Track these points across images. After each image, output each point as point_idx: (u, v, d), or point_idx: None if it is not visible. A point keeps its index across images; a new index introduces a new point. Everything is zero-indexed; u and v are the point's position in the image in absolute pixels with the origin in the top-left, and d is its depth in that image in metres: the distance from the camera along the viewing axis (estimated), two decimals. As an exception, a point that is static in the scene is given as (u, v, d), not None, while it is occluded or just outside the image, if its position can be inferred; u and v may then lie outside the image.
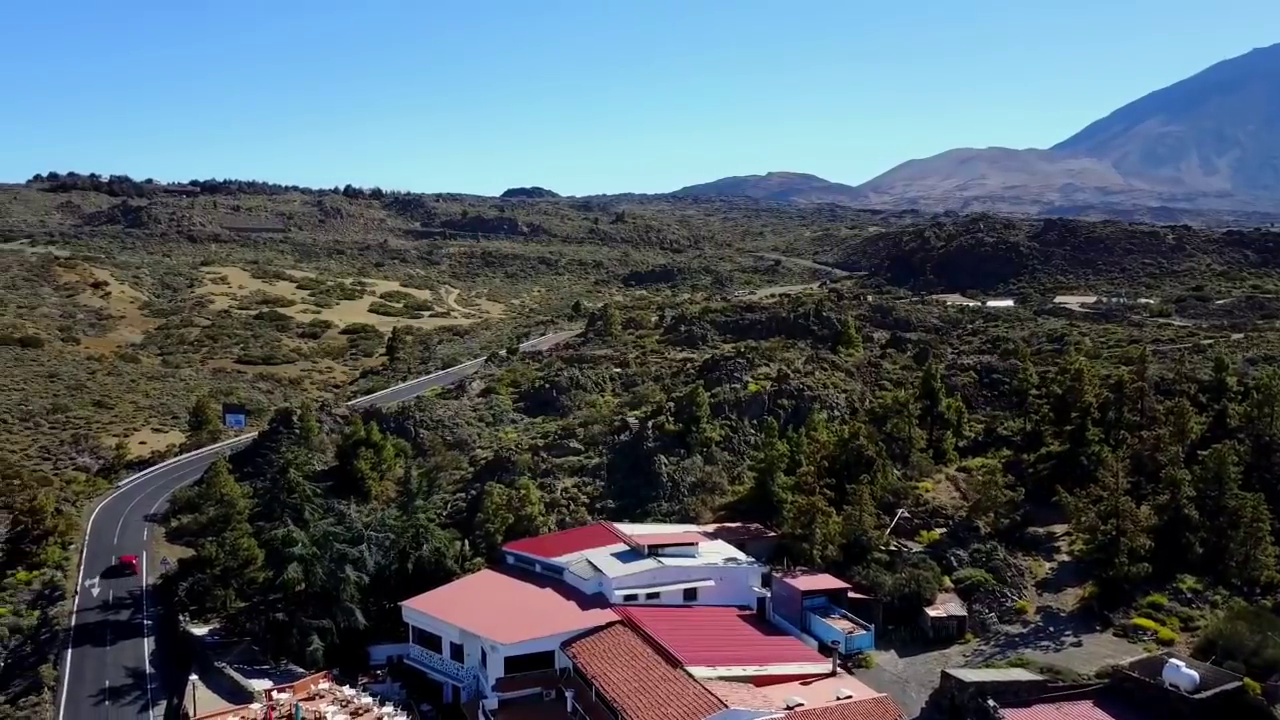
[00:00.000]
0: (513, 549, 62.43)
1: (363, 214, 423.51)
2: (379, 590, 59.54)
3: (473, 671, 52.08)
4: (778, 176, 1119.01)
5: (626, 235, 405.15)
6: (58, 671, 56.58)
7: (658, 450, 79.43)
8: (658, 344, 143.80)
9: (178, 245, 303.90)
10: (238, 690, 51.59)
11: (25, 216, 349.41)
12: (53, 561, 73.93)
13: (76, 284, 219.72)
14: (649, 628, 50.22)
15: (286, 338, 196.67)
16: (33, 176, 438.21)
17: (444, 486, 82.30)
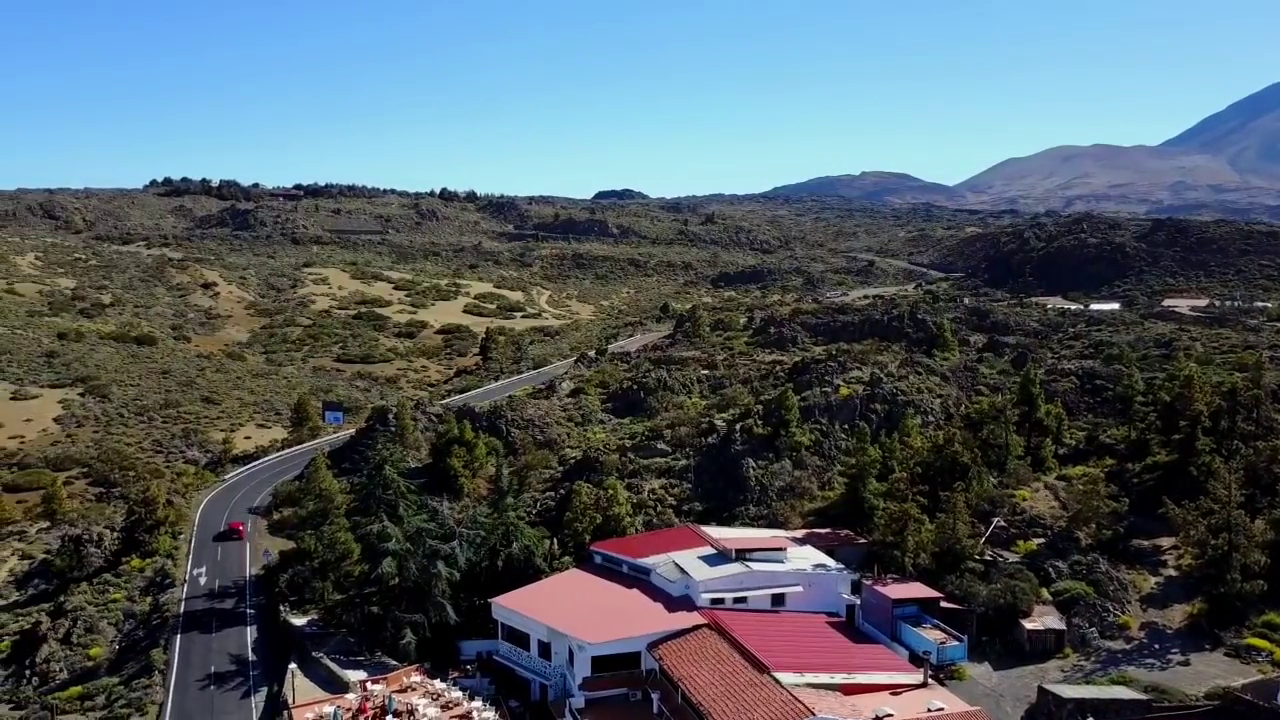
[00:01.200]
0: (600, 549, 62.76)
1: (458, 216, 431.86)
2: (470, 586, 60.48)
3: (560, 670, 52.50)
4: (872, 176, 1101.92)
5: (716, 236, 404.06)
6: (167, 656, 58.96)
7: (746, 453, 78.92)
8: (746, 346, 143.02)
9: (282, 247, 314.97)
10: (334, 680, 53.06)
11: (142, 220, 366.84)
12: (164, 550, 77.15)
13: (188, 284, 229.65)
14: (736, 632, 49.90)
15: (384, 337, 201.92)
16: (149, 182, 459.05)
17: (534, 485, 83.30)
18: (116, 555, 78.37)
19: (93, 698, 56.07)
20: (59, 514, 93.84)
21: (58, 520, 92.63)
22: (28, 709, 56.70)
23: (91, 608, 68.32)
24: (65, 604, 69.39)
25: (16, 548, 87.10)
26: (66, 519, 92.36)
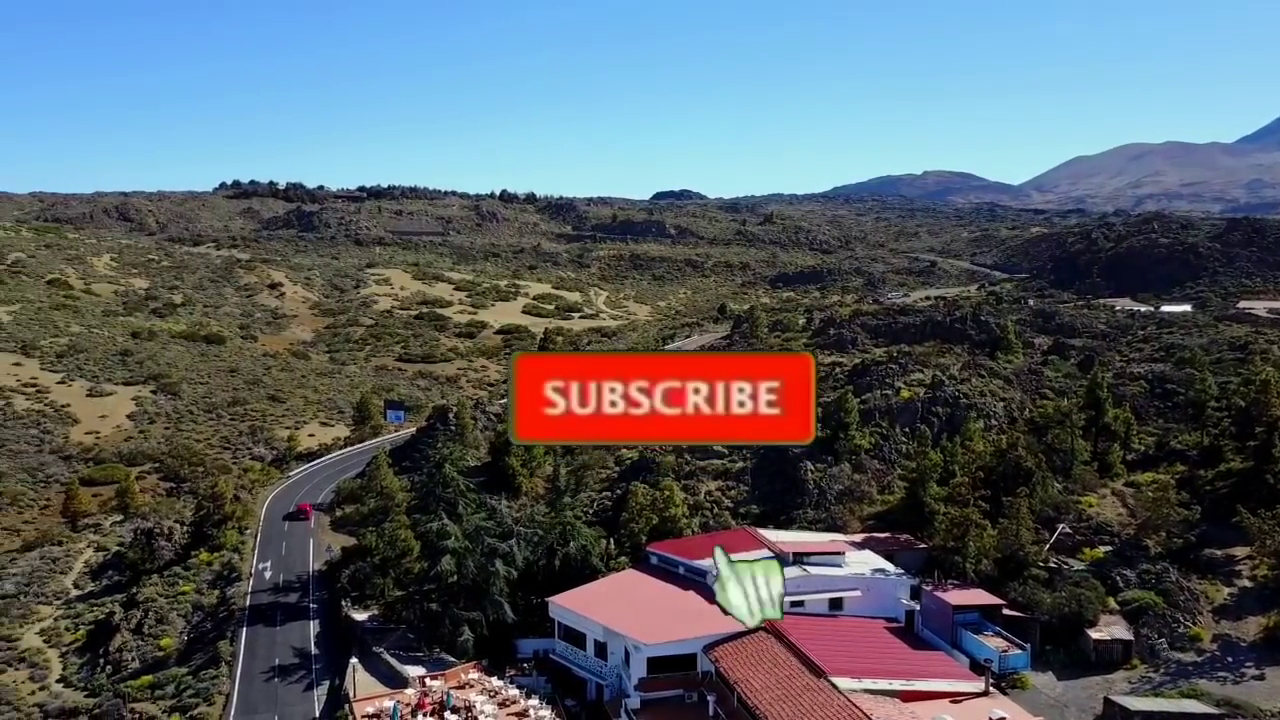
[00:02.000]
0: (656, 549, 62.77)
1: (517, 218, 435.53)
2: (527, 585, 60.95)
3: (616, 670, 52.62)
4: (934, 175, 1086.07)
5: (774, 236, 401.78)
6: (234, 648, 60.41)
7: (804, 456, 78.31)
8: (805, 347, 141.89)
9: (345, 248, 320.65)
10: (394, 675, 53.88)
11: (212, 222, 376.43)
12: (230, 545, 79.03)
13: (255, 285, 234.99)
14: (793, 635, 49.52)
15: (444, 337, 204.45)
16: (219, 184, 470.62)
17: (591, 485, 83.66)
18: (186, 549, 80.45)
19: (163, 687, 57.67)
20: (132, 508, 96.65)
21: (131, 514, 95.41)
22: (101, 696, 58.56)
23: (162, 599, 70.28)
24: (137, 595, 71.46)
25: (92, 540, 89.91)
26: (139, 513, 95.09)
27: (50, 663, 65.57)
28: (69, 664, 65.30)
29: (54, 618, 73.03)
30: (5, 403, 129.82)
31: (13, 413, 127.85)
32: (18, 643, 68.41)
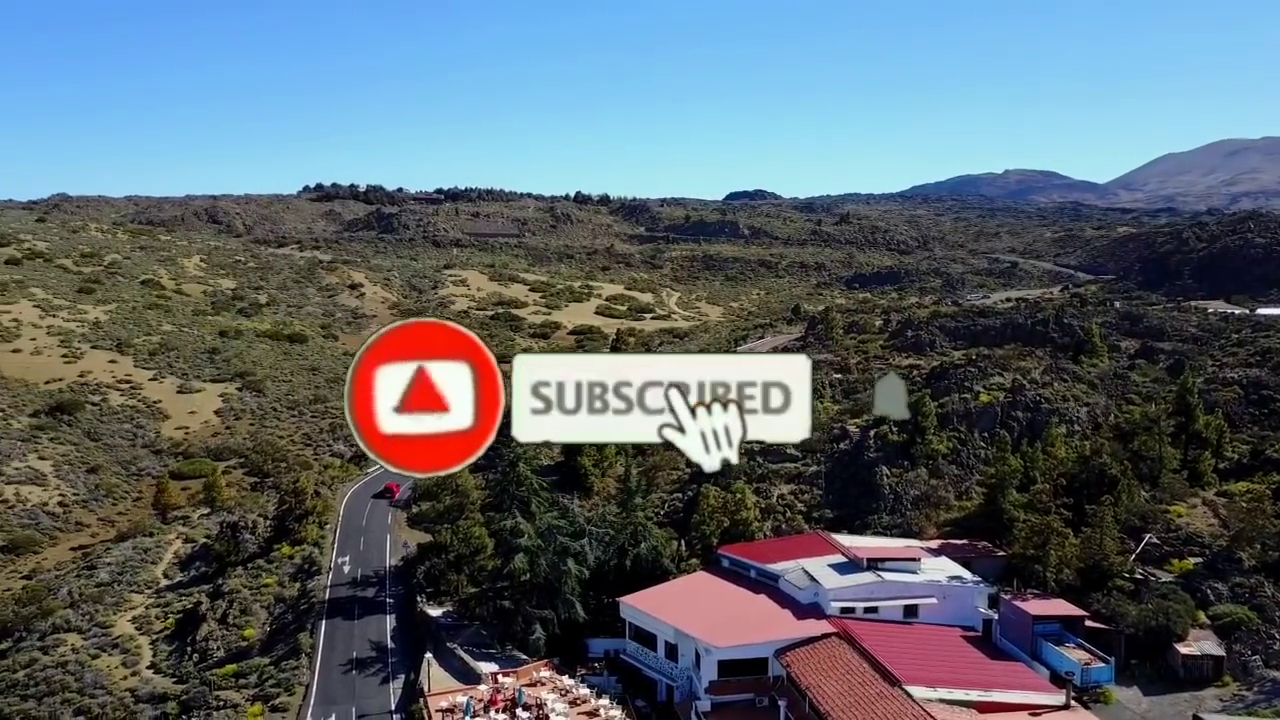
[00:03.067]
0: (728, 552, 62.52)
1: (591, 219, 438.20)
2: (598, 584, 61.24)
3: (686, 672, 52.55)
4: (1015, 174, 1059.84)
5: (850, 236, 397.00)
6: (313, 640, 61.89)
7: (879, 460, 77.21)
8: (882, 349, 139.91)
9: (423, 249, 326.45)
10: (467, 671, 54.63)
11: (296, 224, 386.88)
12: (311, 539, 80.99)
13: (336, 285, 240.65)
14: (866, 642, 48.85)
15: (519, 337, 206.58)
16: (302, 188, 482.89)
17: (662, 486, 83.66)
18: (269, 542, 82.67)
19: (246, 676, 59.38)
20: (219, 501, 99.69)
21: (217, 507, 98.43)
22: (189, 683, 60.56)
23: (246, 591, 72.37)
24: (223, 586, 73.70)
25: (181, 532, 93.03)
26: (225, 506, 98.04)
27: (141, 649, 68.00)
28: (159, 651, 67.63)
29: (145, 606, 75.69)
30: (102, 398, 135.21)
31: (109, 408, 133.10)
32: (111, 629, 71.12)
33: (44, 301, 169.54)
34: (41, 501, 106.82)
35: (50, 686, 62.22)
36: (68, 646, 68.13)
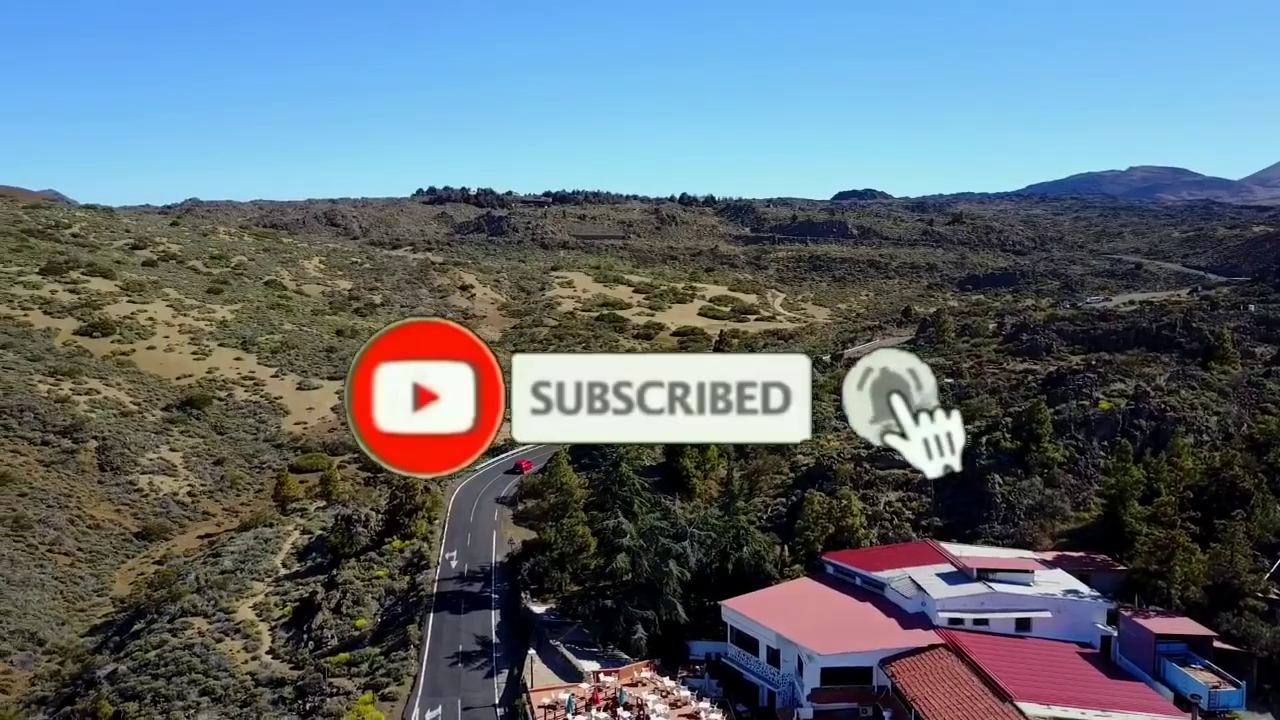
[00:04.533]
0: (832, 559, 61.61)
1: (696, 220, 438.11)
2: (699, 587, 61.11)
3: (788, 678, 51.99)
4: (1140, 171, 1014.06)
5: (963, 237, 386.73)
6: (421, 632, 63.49)
7: (991, 469, 74.82)
8: (995, 353, 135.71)
9: (531, 251, 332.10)
10: (569, 669, 55.21)
11: (409, 227, 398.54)
12: (420, 533, 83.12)
13: (448, 286, 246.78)
14: (976, 655, 47.44)
15: (623, 338, 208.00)
16: (416, 191, 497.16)
17: (764, 490, 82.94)
18: (380, 536, 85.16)
19: (358, 664, 61.33)
20: (334, 495, 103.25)
21: (333, 501, 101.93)
22: (304, 669, 62.93)
23: (358, 582, 74.74)
24: (337, 577, 76.28)
25: (299, 523, 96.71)
26: (340, 500, 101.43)
27: (261, 635, 70.94)
28: (277, 637, 70.44)
29: (265, 594, 78.91)
30: (228, 394, 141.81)
31: (234, 403, 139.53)
32: (234, 615, 74.42)
33: (176, 301, 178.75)
34: (172, 491, 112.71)
35: (178, 667, 65.52)
36: (194, 630, 71.58)
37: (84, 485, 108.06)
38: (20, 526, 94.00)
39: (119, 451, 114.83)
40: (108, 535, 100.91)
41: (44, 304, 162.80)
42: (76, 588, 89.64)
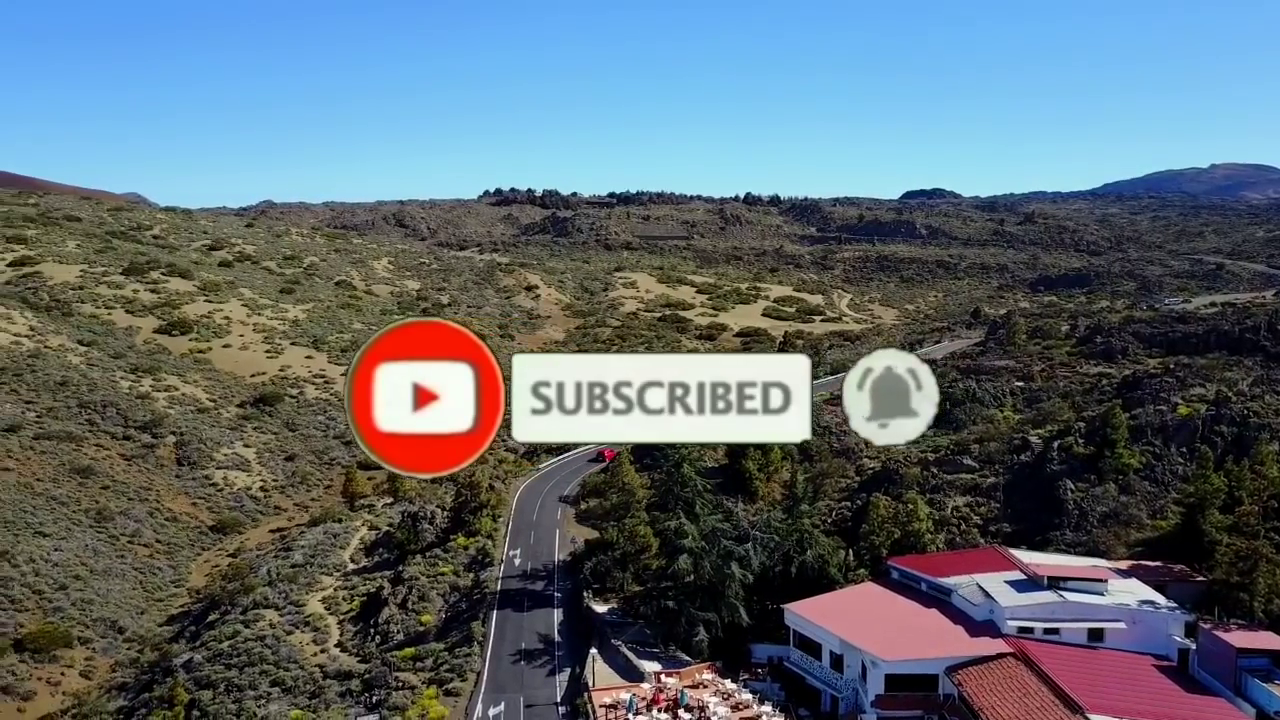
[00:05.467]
0: (898, 564, 60.72)
1: (760, 220, 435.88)
2: (761, 590, 60.75)
3: (852, 684, 51.39)
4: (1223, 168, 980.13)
5: (1036, 237, 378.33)
6: (485, 629, 64.13)
7: (1063, 474, 73.04)
8: (1068, 356, 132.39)
9: (595, 252, 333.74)
10: (630, 669, 55.28)
11: (476, 228, 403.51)
12: (485, 531, 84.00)
13: (513, 287, 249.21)
14: (1046, 664, 46.32)
15: (685, 339, 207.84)
16: (482, 193, 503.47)
17: (829, 493, 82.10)
18: (445, 532, 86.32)
19: (423, 659, 62.20)
20: (401, 492, 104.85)
21: (400, 497, 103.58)
22: (371, 663, 64.04)
23: (424, 578, 75.78)
24: (403, 573, 77.45)
25: (367, 519, 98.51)
26: (407, 497, 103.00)
27: (330, 628, 72.40)
28: (345, 631, 71.81)
29: (333, 588, 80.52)
30: (299, 392, 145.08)
31: (305, 401, 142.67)
32: (304, 608, 76.05)
33: (251, 301, 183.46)
34: (246, 486, 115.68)
35: (250, 658, 67.20)
36: (266, 622, 73.34)
37: (162, 479, 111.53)
38: (103, 518, 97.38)
39: (195, 447, 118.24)
40: (184, 528, 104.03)
41: (126, 303, 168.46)
42: (155, 578, 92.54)
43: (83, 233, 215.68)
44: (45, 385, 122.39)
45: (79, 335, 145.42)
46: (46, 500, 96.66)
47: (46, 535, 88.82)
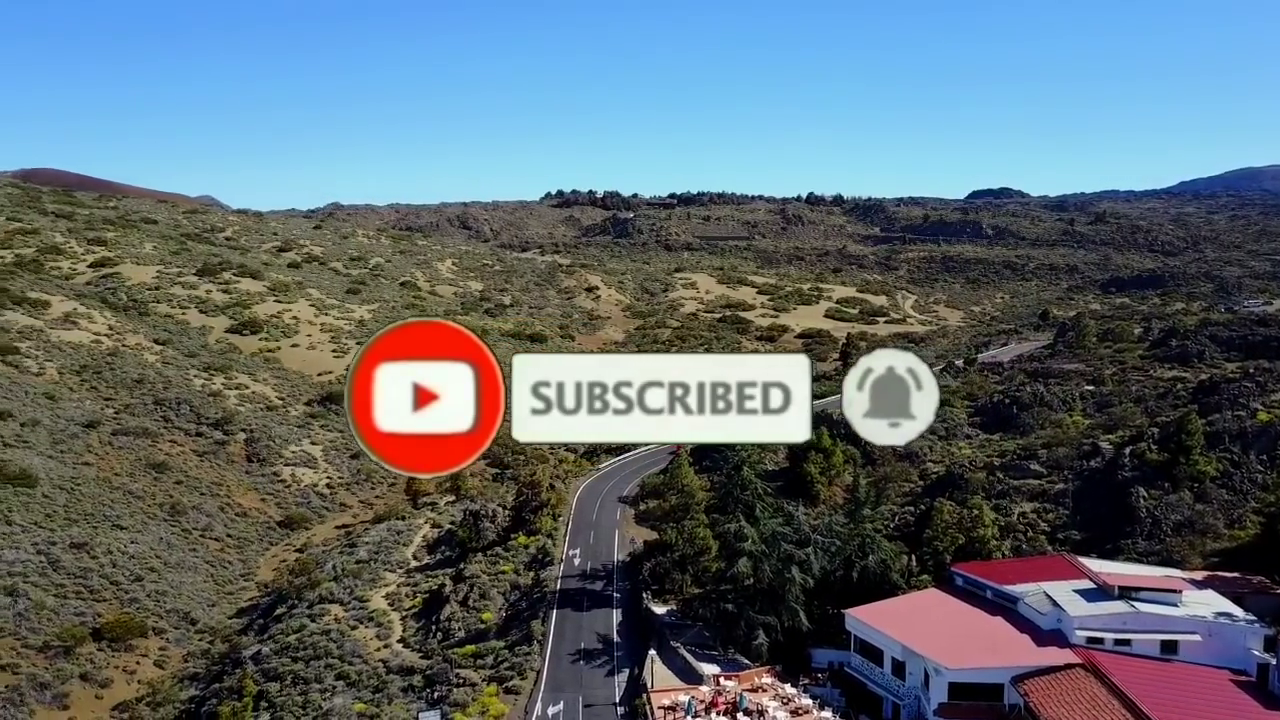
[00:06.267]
0: (962, 570, 59.60)
1: (823, 220, 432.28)
2: (822, 594, 60.12)
3: (914, 691, 50.57)
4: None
5: (1107, 237, 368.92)
6: (544, 628, 64.47)
7: (1135, 481, 71.07)
8: (1141, 360, 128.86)
9: (656, 253, 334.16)
10: (689, 671, 55.09)
11: (538, 229, 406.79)
12: (545, 530, 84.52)
13: (574, 288, 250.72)
14: (1117, 677, 45.03)
15: (746, 340, 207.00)
16: (544, 194, 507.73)
17: (891, 498, 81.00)
18: (506, 531, 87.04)
19: (483, 657, 62.77)
20: (463, 490, 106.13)
21: (462, 496, 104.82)
22: (433, 659, 64.86)
23: (485, 576, 76.52)
24: (464, 571, 78.30)
25: (429, 517, 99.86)
26: (469, 495, 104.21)
27: (393, 624, 73.51)
28: (407, 627, 72.84)
29: (396, 584, 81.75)
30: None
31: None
32: (368, 604, 77.36)
33: (318, 301, 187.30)
34: (313, 483, 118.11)
35: (316, 651, 68.54)
36: (331, 616, 74.75)
37: (233, 475, 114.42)
38: (176, 512, 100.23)
39: (265, 444, 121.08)
40: (254, 523, 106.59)
41: (200, 303, 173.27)
42: (225, 571, 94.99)
43: (159, 235, 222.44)
44: (123, 383, 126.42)
45: (155, 334, 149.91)
46: (123, 494, 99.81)
47: (124, 528, 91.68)
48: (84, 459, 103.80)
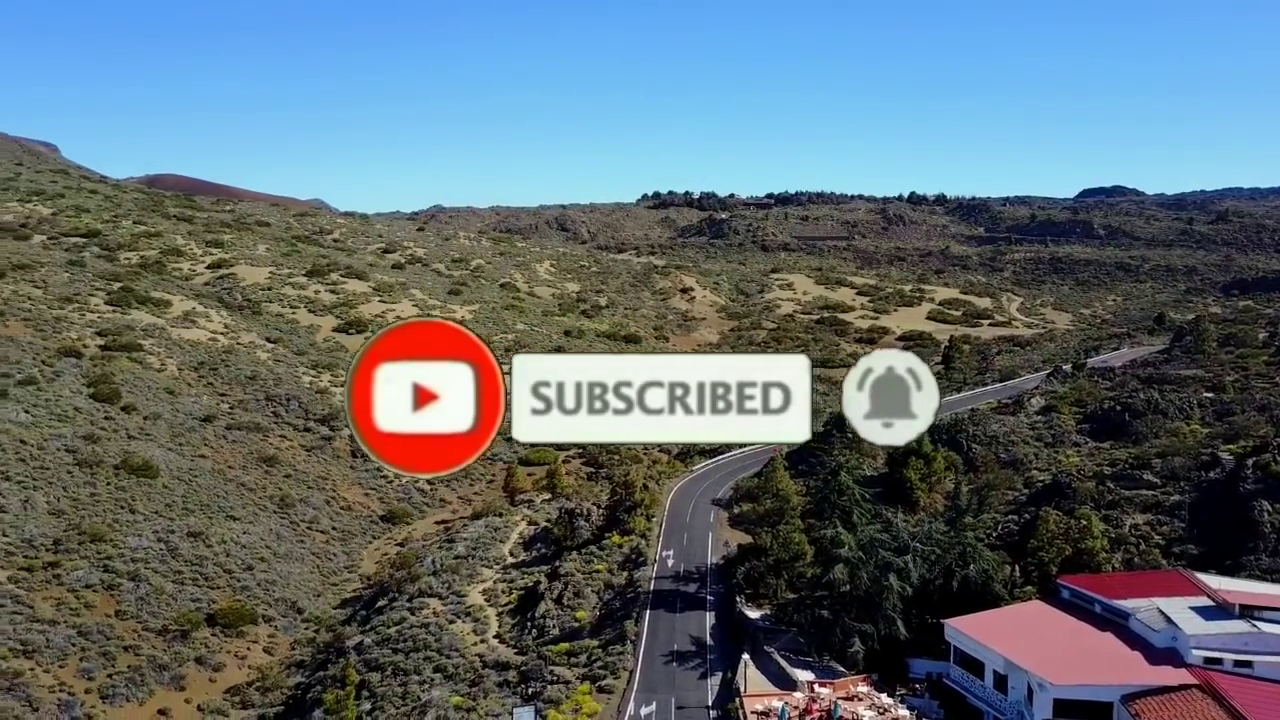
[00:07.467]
0: (1069, 583, 57.52)
1: (925, 220, 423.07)
2: (921, 603, 58.80)
3: (1017, 706, 49.02)
4: None
5: (1229, 237, 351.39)
6: (638, 628, 64.68)
7: (1259, 494, 67.48)
8: (1266, 366, 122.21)
9: (752, 254, 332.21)
10: (783, 676, 54.56)
11: (634, 231, 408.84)
12: (639, 530, 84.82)
13: (669, 289, 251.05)
14: (1237, 700, 42.80)
15: (844, 342, 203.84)
16: (640, 196, 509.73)
17: (994, 506, 78.70)
18: (601, 530, 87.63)
19: (577, 655, 63.33)
20: (559, 489, 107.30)
21: (558, 494, 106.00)
22: (527, 655, 65.72)
23: (579, 575, 77.19)
24: (559, 569, 79.13)
25: (526, 514, 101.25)
26: (564, 494, 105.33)
27: (489, 619, 74.75)
28: (503, 623, 73.96)
29: (493, 580, 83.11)
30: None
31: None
32: (465, 598, 78.85)
33: (421, 301, 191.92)
34: (413, 478, 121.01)
35: (415, 644, 70.19)
36: (430, 610, 76.45)
37: (338, 470, 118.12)
38: (285, 504, 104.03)
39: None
40: (357, 517, 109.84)
41: (309, 303, 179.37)
42: (330, 563, 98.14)
43: (272, 237, 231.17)
44: (237, 379, 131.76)
45: (267, 333, 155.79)
46: (236, 486, 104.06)
47: (236, 519, 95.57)
48: (200, 452, 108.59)
